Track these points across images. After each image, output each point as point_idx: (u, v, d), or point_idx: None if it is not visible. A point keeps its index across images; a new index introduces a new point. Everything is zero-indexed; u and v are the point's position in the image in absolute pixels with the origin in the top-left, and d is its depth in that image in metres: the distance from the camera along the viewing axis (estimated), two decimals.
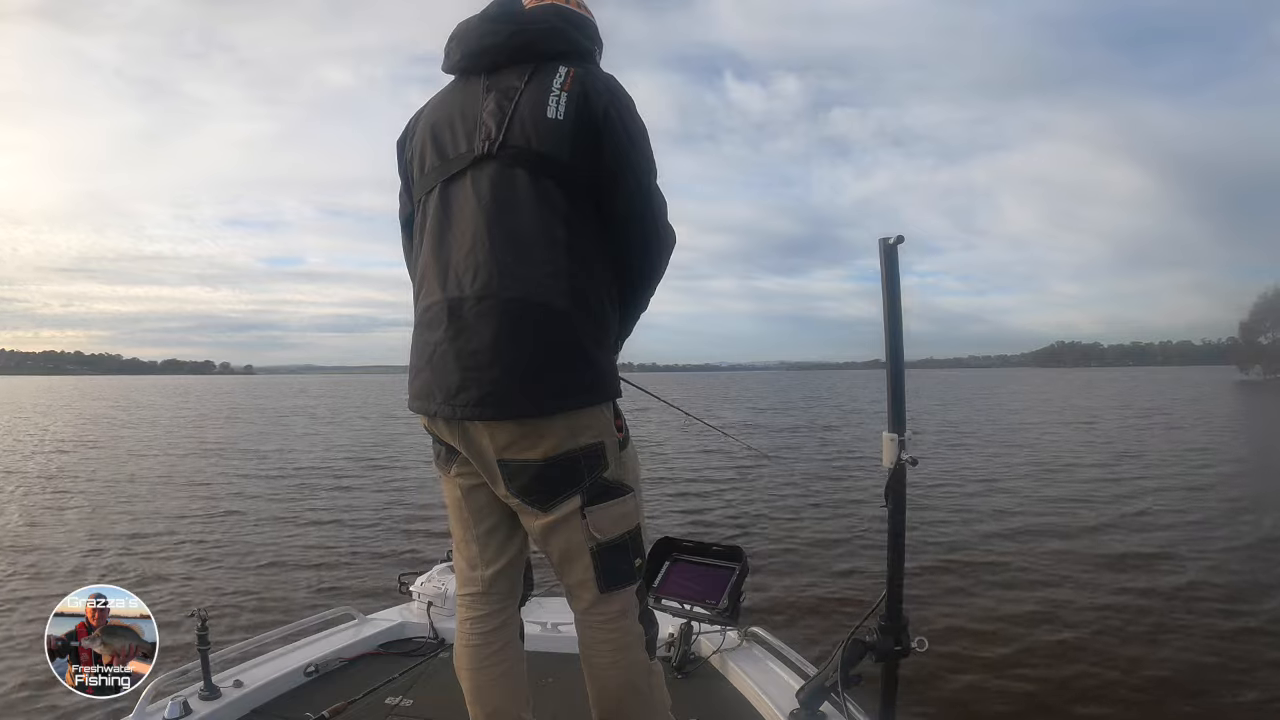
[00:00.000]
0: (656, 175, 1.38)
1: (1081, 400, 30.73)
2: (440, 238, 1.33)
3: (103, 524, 8.03)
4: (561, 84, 1.30)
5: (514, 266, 1.26)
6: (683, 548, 2.35)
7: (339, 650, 2.25)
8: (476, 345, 1.26)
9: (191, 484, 11.00)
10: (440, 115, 1.39)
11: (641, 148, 1.35)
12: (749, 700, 1.96)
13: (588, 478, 1.31)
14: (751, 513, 8.08)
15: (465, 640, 1.46)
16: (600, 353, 1.32)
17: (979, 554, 6.13)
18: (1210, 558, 5.96)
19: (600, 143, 1.29)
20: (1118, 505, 8.13)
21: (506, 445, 1.29)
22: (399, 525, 7.77)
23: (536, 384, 1.25)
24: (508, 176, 1.29)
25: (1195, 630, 4.37)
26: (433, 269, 1.33)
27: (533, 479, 1.30)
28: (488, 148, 1.30)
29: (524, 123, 1.29)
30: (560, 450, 1.28)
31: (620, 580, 1.37)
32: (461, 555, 1.48)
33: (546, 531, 1.34)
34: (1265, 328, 69.73)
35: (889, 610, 1.55)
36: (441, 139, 1.37)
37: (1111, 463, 11.37)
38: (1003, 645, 4.19)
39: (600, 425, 1.32)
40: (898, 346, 1.53)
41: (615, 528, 1.35)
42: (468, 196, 1.31)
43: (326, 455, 14.73)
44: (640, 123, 1.35)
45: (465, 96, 1.37)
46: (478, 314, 1.26)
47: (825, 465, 11.87)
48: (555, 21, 1.38)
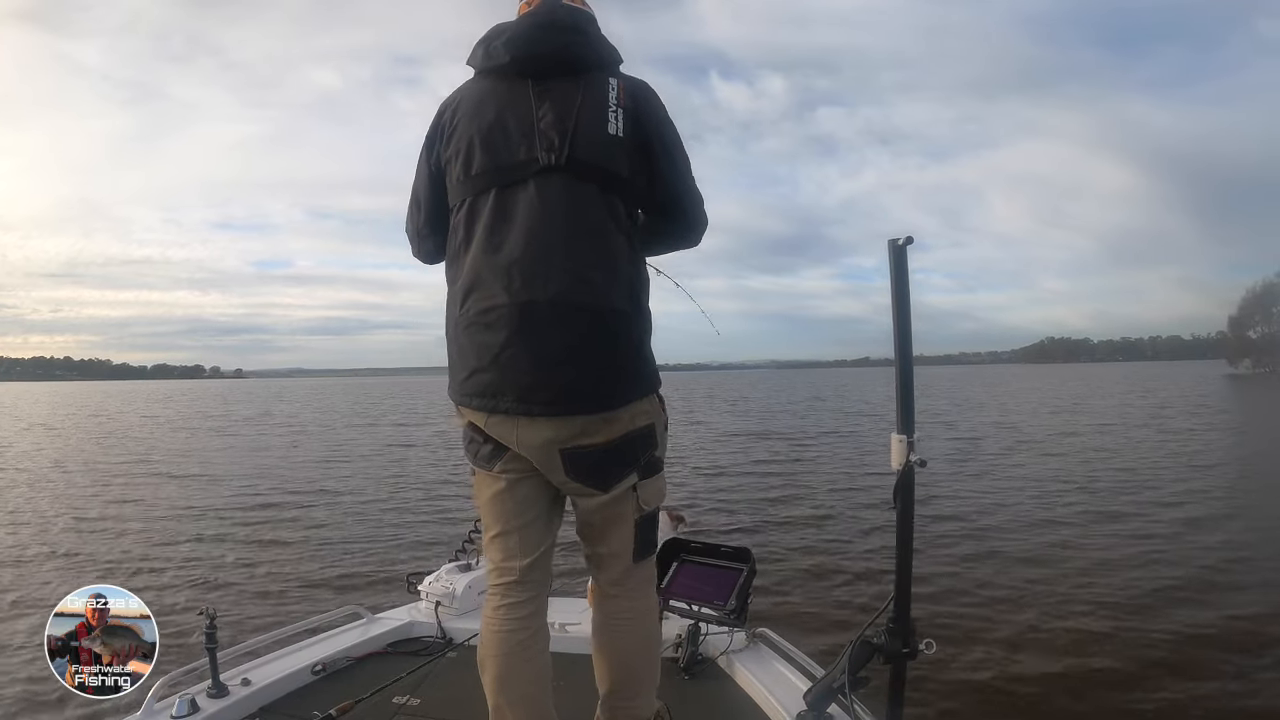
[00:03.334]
0: (690, 170, 1.51)
1: (1077, 396, 30.48)
2: (501, 242, 1.36)
3: (117, 522, 8.10)
4: (616, 99, 1.40)
5: (585, 273, 1.34)
6: (691, 549, 2.35)
7: (347, 649, 2.25)
8: (552, 348, 1.33)
9: (203, 482, 11.08)
10: (487, 117, 1.41)
11: (680, 153, 1.48)
12: (756, 701, 1.96)
13: (642, 456, 1.45)
14: (759, 514, 8.07)
15: (497, 627, 1.47)
16: (649, 347, 1.46)
17: (988, 556, 6.09)
18: (1242, 563, 5.87)
19: (652, 155, 1.43)
20: (1136, 505, 8.03)
21: (573, 436, 1.37)
22: (407, 525, 7.80)
23: (608, 383, 1.36)
24: (577, 190, 1.36)
25: (1215, 635, 4.32)
26: (492, 271, 1.36)
27: (596, 463, 1.40)
28: (554, 159, 1.36)
29: (588, 137, 1.37)
30: (621, 434, 1.40)
31: (649, 549, 1.54)
32: (497, 548, 1.51)
33: (600, 507, 1.46)
34: (1254, 322, 70.54)
35: (897, 612, 1.54)
36: (493, 141, 1.39)
37: (1128, 462, 11.26)
38: (1011, 647, 4.16)
39: (653, 410, 1.46)
40: (907, 348, 1.52)
41: (654, 500, 1.51)
42: (533, 205, 1.35)
43: (336, 455, 14.80)
44: (674, 128, 1.48)
45: (512, 99, 1.41)
46: (552, 319, 1.32)
47: (832, 466, 11.84)
48: (592, 30, 1.46)
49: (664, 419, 1.51)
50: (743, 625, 2.17)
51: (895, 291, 1.51)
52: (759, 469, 11.51)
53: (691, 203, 1.52)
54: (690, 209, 1.52)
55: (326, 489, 10.23)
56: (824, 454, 13.47)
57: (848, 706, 1.62)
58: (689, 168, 1.51)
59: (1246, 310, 71.10)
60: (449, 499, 9.04)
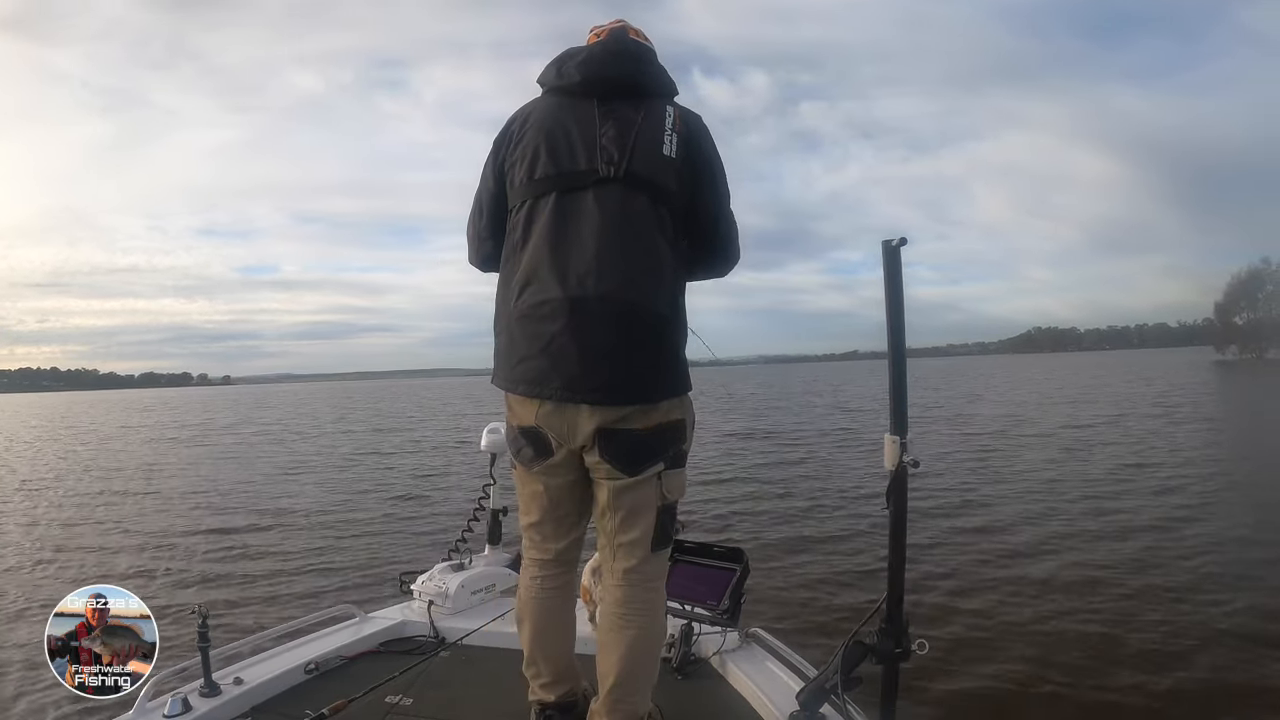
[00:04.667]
0: (730, 200, 1.65)
1: (1069, 385, 30.44)
2: (558, 241, 1.50)
3: (105, 525, 8.06)
4: (672, 124, 1.55)
5: (633, 276, 1.48)
6: (684, 548, 2.35)
7: (339, 648, 2.25)
8: (599, 341, 1.46)
9: (193, 483, 11.03)
10: (554, 127, 1.56)
11: (722, 181, 1.63)
12: (749, 701, 1.96)
13: (671, 448, 1.57)
14: (753, 513, 8.08)
15: (533, 594, 1.69)
16: (684, 351, 1.59)
17: (981, 556, 6.11)
18: (1231, 559, 5.89)
19: (699, 178, 1.57)
20: (1132, 503, 8.02)
21: (617, 420, 1.50)
22: (400, 523, 7.78)
23: (648, 380, 1.50)
24: (631, 200, 1.51)
25: (1205, 633, 4.34)
26: (549, 268, 1.49)
27: (632, 447, 1.52)
28: (613, 171, 1.50)
29: (645, 155, 1.52)
30: (659, 424, 1.53)
31: (666, 541, 1.63)
32: (535, 531, 1.70)
33: (625, 490, 1.56)
34: (1240, 308, 71.64)
35: (890, 612, 1.54)
36: (558, 150, 1.54)
37: (1123, 455, 11.26)
38: (1005, 648, 4.18)
39: (685, 406, 1.60)
40: (900, 349, 1.52)
41: (676, 492, 1.61)
42: (591, 210, 1.50)
43: (329, 454, 14.76)
44: (719, 158, 1.63)
45: (578, 115, 1.56)
46: (601, 313, 1.46)
47: (826, 464, 11.85)
48: (653, 61, 1.65)
49: (693, 417, 1.64)
50: (736, 625, 2.18)
51: (889, 292, 1.52)
52: (755, 468, 11.51)
53: (728, 228, 1.66)
54: (726, 234, 1.66)
55: (322, 489, 10.21)
56: (818, 452, 13.47)
57: (840, 707, 1.62)
58: (729, 199, 1.65)
59: (1232, 297, 72.21)
60: (444, 499, 9.04)
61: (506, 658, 1.84)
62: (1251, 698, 3.60)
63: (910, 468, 1.50)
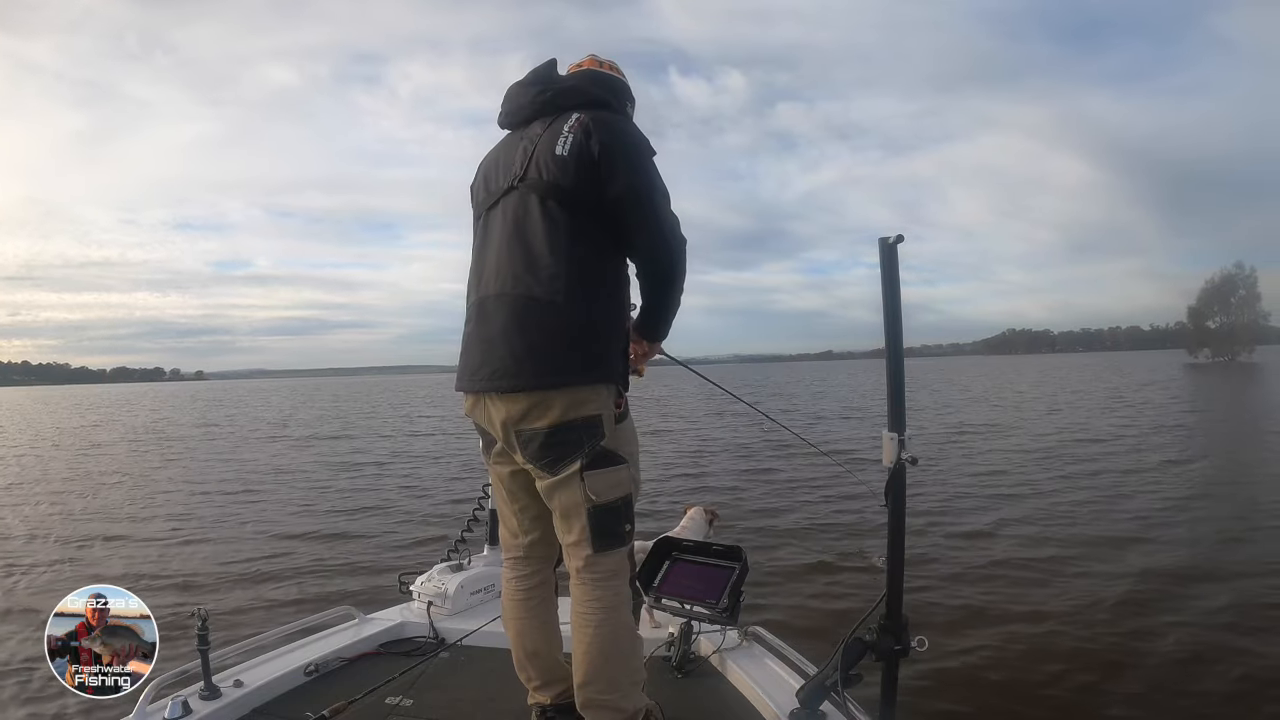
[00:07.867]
0: (662, 194, 1.62)
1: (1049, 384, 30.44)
2: (480, 252, 1.71)
3: (102, 523, 8.03)
4: (569, 127, 1.60)
5: (522, 271, 1.58)
6: (683, 547, 2.35)
7: (339, 650, 2.25)
8: (491, 332, 1.59)
9: (193, 483, 11.01)
10: (490, 161, 1.78)
11: (638, 171, 1.60)
12: (749, 699, 1.97)
13: (587, 445, 1.56)
14: (752, 511, 8.07)
15: (510, 594, 1.79)
16: (599, 342, 1.58)
17: (980, 553, 6.11)
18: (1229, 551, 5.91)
19: (599, 171, 1.57)
20: (1130, 498, 8.05)
21: (520, 418, 1.57)
22: (399, 525, 7.77)
23: (534, 362, 1.53)
24: (524, 202, 1.62)
25: (1204, 627, 4.35)
26: (473, 277, 1.71)
27: (541, 445, 1.56)
28: (513, 181, 1.65)
29: (539, 160, 1.61)
30: (562, 420, 1.54)
31: (612, 541, 1.61)
32: (506, 526, 1.81)
33: (552, 491, 1.61)
34: (1213, 312, 71.77)
35: (889, 609, 1.55)
36: (490, 177, 1.75)
37: (1118, 452, 11.30)
38: (1004, 645, 4.18)
39: (599, 401, 1.58)
40: (898, 346, 1.53)
41: (610, 492, 1.59)
42: (498, 220, 1.67)
43: (325, 455, 14.74)
44: (638, 151, 1.61)
45: (507, 145, 1.75)
46: (494, 308, 1.60)
47: (823, 463, 11.84)
48: (579, 82, 1.72)
49: (615, 414, 1.63)
50: (735, 623, 2.18)
51: (886, 290, 1.52)
52: (751, 467, 11.51)
53: (646, 211, 1.59)
54: (644, 216, 1.59)
55: (319, 490, 10.19)
56: (813, 451, 13.46)
57: (840, 704, 1.63)
58: (648, 185, 1.60)
59: (1205, 301, 72.43)
60: (443, 499, 9.02)
61: (506, 658, 1.85)
62: (1256, 695, 3.60)
63: (909, 464, 1.50)
